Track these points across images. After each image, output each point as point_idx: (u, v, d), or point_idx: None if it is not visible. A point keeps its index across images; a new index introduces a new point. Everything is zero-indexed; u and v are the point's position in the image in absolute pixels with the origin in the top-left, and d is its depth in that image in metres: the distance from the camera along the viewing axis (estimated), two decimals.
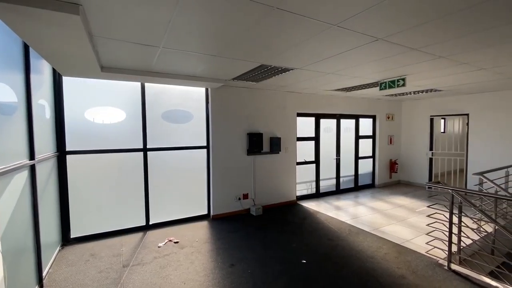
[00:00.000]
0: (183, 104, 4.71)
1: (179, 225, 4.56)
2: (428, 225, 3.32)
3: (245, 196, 5.22)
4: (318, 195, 6.44)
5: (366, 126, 7.34)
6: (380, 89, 4.50)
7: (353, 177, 7.12)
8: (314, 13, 1.96)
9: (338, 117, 6.70)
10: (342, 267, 3.12)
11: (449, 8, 1.87)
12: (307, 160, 6.25)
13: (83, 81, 3.88)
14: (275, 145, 5.45)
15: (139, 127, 4.33)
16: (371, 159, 7.42)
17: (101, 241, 3.92)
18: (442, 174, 7.70)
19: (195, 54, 2.94)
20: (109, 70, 3.45)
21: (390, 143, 7.60)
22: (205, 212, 4.98)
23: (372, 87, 4.94)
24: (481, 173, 3.96)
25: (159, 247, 3.72)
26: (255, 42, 2.57)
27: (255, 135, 5.20)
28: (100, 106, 4.06)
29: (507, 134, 5.74)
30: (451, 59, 3.19)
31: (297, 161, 6.02)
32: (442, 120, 8.76)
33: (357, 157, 7.11)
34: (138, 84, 4.29)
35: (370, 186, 7.43)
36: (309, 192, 6.39)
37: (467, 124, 6.39)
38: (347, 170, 6.98)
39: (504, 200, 4.25)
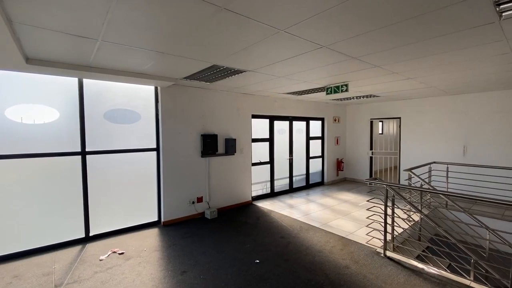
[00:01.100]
0: (129, 103, 4.37)
1: (125, 234, 4.21)
2: (367, 217, 3.67)
3: (199, 200, 5.08)
4: (273, 194, 6.61)
5: (316, 128, 7.81)
6: (327, 94, 4.83)
7: (305, 176, 7.50)
8: (262, 17, 1.99)
9: (291, 119, 6.98)
10: (293, 264, 3.24)
11: (383, 21, 2.08)
12: (262, 161, 6.36)
13: (5, 74, 3.32)
14: (231, 146, 5.42)
15: (76, 128, 3.87)
16: (321, 159, 7.92)
17: (28, 259, 3.39)
18: (381, 171, 8.62)
19: (140, 50, 2.75)
20: (36, 62, 3.01)
21: (337, 143, 8.22)
22: (155, 218, 4.69)
23: (320, 91, 5.27)
24: (410, 169, 4.53)
25: (100, 260, 3.37)
26: (205, 42, 2.52)
27: (209, 137, 5.10)
28: (26, 103, 3.52)
29: (430, 135, 6.69)
30: (385, 69, 3.58)
31: (253, 162, 6.09)
32: (380, 123, 9.81)
33: (308, 157, 7.51)
34: (75, 79, 3.84)
35: (320, 183, 7.92)
36: (264, 192, 6.52)
37: (399, 126, 7.27)
38: (299, 170, 7.32)
39: (428, 192, 4.93)
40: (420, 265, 3.15)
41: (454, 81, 4.49)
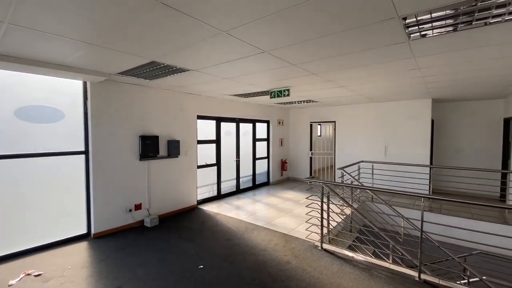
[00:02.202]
0: (50, 99, 3.77)
1: (45, 251, 3.61)
2: (306, 214, 3.94)
3: (138, 207, 4.69)
4: (219, 196, 6.54)
5: (262, 130, 8.04)
6: (271, 97, 5.02)
7: (252, 176, 7.64)
8: (203, 16, 1.95)
9: (237, 121, 7.03)
10: (238, 265, 3.25)
11: (315, 33, 2.26)
12: (208, 163, 6.24)
13: None
14: (174, 148, 5.16)
15: None
16: (266, 160, 8.18)
17: None
18: (319, 170, 9.35)
19: (62, 39, 2.40)
20: None
21: (281, 145, 8.62)
22: (83, 231, 4.14)
23: (264, 95, 5.45)
24: (342, 168, 5.03)
25: (9, 286, 2.81)
26: (143, 36, 2.34)
27: (149, 138, 4.75)
28: None
29: (359, 137, 7.56)
30: (321, 76, 3.90)
31: (198, 164, 5.92)
32: (319, 126, 10.66)
33: (254, 158, 7.67)
34: None
35: (266, 183, 8.18)
36: (211, 194, 6.40)
37: (334, 129, 8.02)
38: (246, 171, 7.42)
39: (357, 188, 5.54)
40: (350, 254, 3.52)
41: (377, 90, 5.17)
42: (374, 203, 5.54)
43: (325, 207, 3.83)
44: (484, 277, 3.51)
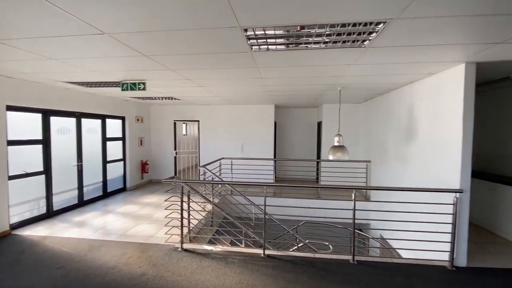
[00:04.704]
0: None
1: None
2: (166, 216, 3.74)
3: None
4: (51, 214, 5.02)
5: (115, 127, 6.92)
6: (122, 90, 4.38)
7: (102, 183, 6.41)
8: None
9: (78, 115, 5.67)
10: None
11: (168, 24, 2.11)
12: (30, 171, 4.64)
13: None
14: None
15: None
16: (122, 162, 7.14)
17: None
18: (184, 170, 9.23)
19: None
20: None
21: (141, 144, 7.80)
22: None
23: (114, 86, 4.69)
24: (204, 166, 5.18)
25: None
26: None
27: None
28: None
29: (221, 136, 8.07)
30: (179, 73, 3.80)
31: (11, 174, 4.27)
32: (184, 125, 10.52)
33: (105, 161, 6.48)
34: None
35: (122, 190, 7.14)
36: (37, 213, 4.80)
37: (199, 128, 8.16)
38: (93, 177, 6.14)
39: (217, 184, 5.87)
40: (210, 248, 3.65)
41: (231, 94, 5.68)
42: (233, 195, 6.08)
43: (185, 206, 3.78)
44: (307, 241, 4.63)
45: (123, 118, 7.16)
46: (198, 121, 8.17)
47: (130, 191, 7.11)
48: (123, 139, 7.18)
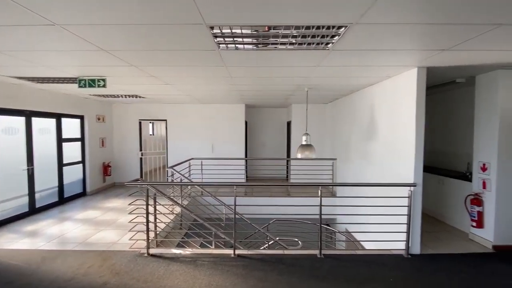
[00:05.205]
0: None
1: None
2: (130, 221, 3.53)
3: None
4: None
5: (72, 127, 6.39)
6: (80, 86, 4.05)
7: (57, 188, 5.88)
8: None
9: (28, 114, 5.12)
10: None
11: (126, 16, 1.99)
12: None
13: None
14: None
15: None
16: (81, 165, 6.62)
17: None
18: (151, 171, 8.84)
19: None
20: None
21: (103, 145, 7.30)
22: None
23: (70, 82, 4.32)
24: (172, 167, 5.00)
25: None
26: None
27: None
28: None
29: (190, 136, 7.86)
30: (143, 70, 3.61)
31: None
32: (151, 124, 10.08)
33: (61, 164, 5.95)
34: None
35: (82, 194, 6.62)
36: None
37: (166, 128, 7.87)
38: (47, 182, 5.60)
39: (187, 185, 5.71)
40: (178, 251, 3.54)
41: (201, 92, 5.56)
42: (203, 197, 5.95)
43: (152, 210, 3.61)
44: (277, 238, 4.70)
45: (82, 117, 6.64)
46: (165, 120, 7.87)
47: (91, 196, 6.63)
48: (82, 139, 6.66)
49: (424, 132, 3.43)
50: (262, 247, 4.35)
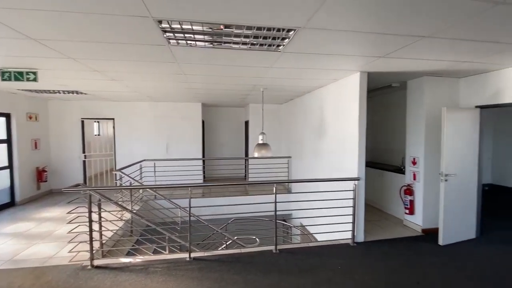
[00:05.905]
0: None
1: None
2: (69, 232, 3.17)
3: None
4: None
5: None
6: (3, 80, 3.49)
7: None
8: None
9: None
10: None
11: (59, 5, 1.78)
12: None
13: None
14: None
15: None
16: (8, 170, 5.71)
17: None
18: (97, 175, 8.06)
19: None
20: None
21: (36, 148, 6.40)
22: None
23: None
24: (120, 169, 4.63)
25: None
26: None
27: None
28: None
29: (142, 135, 7.38)
30: (82, 63, 3.26)
31: None
32: (96, 123, 9.19)
33: None
34: None
35: (10, 205, 5.71)
36: None
37: (113, 127, 7.25)
38: None
39: (138, 189, 5.36)
40: (128, 260, 3.29)
41: (152, 89, 5.26)
42: (157, 200, 5.65)
43: (96, 217, 3.30)
44: (235, 237, 4.71)
45: (7, 115, 5.72)
46: (113, 119, 7.25)
47: (22, 206, 5.76)
48: (8, 141, 5.74)
49: (365, 131, 3.78)
50: (220, 248, 4.30)
